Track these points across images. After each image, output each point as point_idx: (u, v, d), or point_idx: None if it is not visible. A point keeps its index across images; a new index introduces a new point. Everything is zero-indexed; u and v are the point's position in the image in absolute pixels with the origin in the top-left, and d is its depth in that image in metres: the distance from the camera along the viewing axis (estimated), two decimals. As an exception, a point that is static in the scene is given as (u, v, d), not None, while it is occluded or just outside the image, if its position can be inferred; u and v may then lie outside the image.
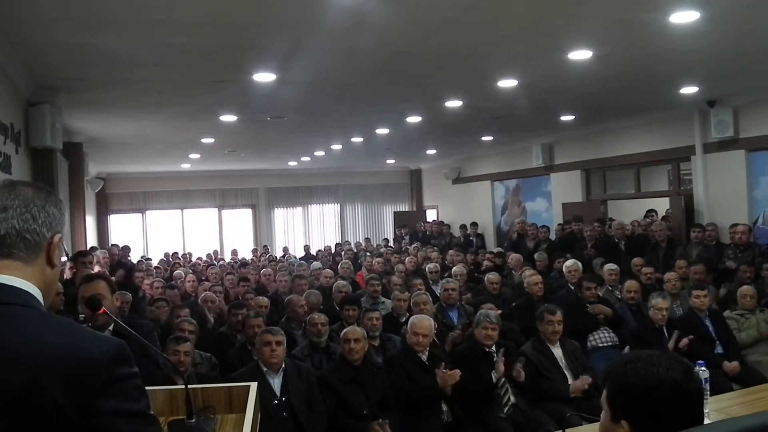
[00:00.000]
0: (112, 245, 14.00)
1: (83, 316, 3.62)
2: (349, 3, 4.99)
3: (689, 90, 9.26)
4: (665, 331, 6.62)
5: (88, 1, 4.79)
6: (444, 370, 5.50)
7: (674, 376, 1.80)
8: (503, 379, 5.70)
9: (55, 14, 5.04)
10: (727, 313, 7.19)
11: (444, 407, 5.56)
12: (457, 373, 5.47)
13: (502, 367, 5.63)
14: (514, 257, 11.07)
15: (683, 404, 1.80)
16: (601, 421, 1.94)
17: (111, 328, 3.72)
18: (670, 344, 6.37)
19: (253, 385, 2.75)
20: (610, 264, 8.89)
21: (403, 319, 7.37)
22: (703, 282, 8.03)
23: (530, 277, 8.29)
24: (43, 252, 1.64)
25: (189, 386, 2.55)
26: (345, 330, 5.71)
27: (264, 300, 7.75)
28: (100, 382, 1.45)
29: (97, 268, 8.57)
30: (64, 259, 1.75)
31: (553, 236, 13.13)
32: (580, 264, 8.91)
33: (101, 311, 2.78)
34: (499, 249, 14.19)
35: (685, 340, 6.35)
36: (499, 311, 7.02)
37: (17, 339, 1.46)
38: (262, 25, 5.53)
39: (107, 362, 1.48)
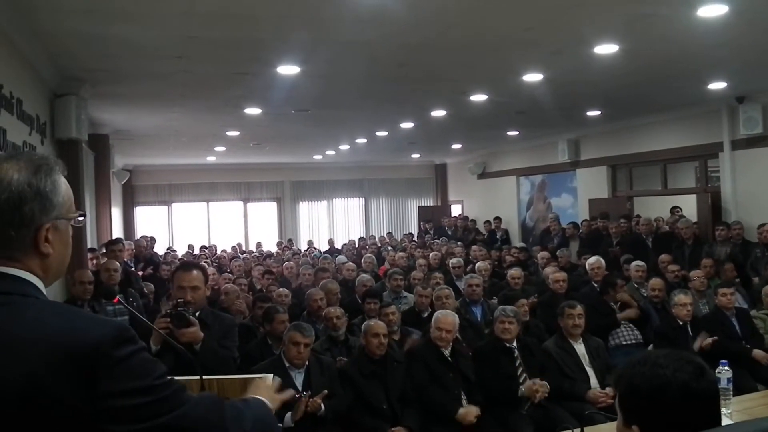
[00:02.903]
0: (141, 237, 14.09)
1: (181, 300, 3.65)
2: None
3: (717, 85, 9.14)
4: (689, 328, 6.54)
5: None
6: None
7: (682, 378, 1.71)
8: (524, 376, 5.67)
9: (78, 6, 5.07)
10: (753, 312, 7.10)
11: (464, 403, 5.53)
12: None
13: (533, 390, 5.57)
14: (543, 254, 10.99)
15: (694, 407, 1.72)
16: (617, 424, 1.90)
17: (197, 314, 3.76)
18: (696, 345, 6.29)
19: (269, 377, 2.73)
20: (637, 261, 8.79)
21: (426, 315, 7.35)
22: (733, 280, 7.93)
23: (554, 274, 8.24)
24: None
25: (204, 377, 2.54)
26: (370, 324, 5.67)
27: (284, 290, 7.75)
28: (103, 365, 1.44)
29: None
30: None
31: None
32: (603, 261, 8.82)
33: (116, 300, 2.79)
34: (522, 245, 14.13)
35: (708, 341, 6.27)
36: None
37: (17, 329, 1.45)
38: (284, 17, 5.53)
39: (108, 345, 1.46)
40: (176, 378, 1.63)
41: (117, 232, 14.36)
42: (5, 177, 1.54)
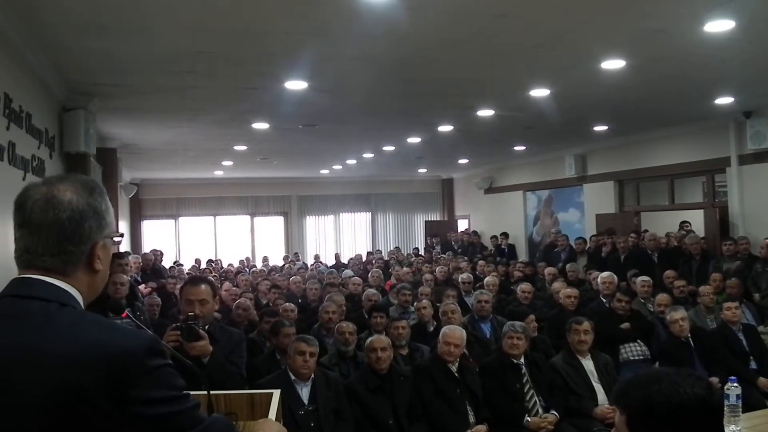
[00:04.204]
0: (151, 250, 14.13)
1: (191, 314, 3.66)
2: (378, 12, 4.99)
3: (725, 100, 9.14)
4: (692, 343, 6.53)
5: (119, 8, 4.85)
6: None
7: (700, 393, 1.75)
8: (532, 392, 5.65)
9: (87, 21, 5.10)
10: (761, 328, 7.07)
11: (471, 418, 5.50)
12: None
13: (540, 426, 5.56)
14: (549, 270, 10.97)
15: (708, 420, 1.77)
16: None
17: (206, 328, 3.77)
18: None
19: (276, 392, 2.73)
20: (643, 276, 8.77)
21: (431, 329, 7.33)
22: (738, 296, 7.90)
23: (564, 290, 8.22)
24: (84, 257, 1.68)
25: (211, 392, 2.54)
26: (370, 339, 5.67)
27: (290, 305, 7.74)
28: (135, 373, 1.50)
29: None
30: None
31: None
32: (615, 277, 8.78)
33: (124, 315, 2.79)
34: (526, 260, 14.12)
35: None
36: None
37: (52, 337, 1.50)
38: (293, 33, 5.55)
39: (142, 355, 1.53)
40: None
41: (124, 245, 14.38)
42: (64, 197, 1.63)
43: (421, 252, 17.99)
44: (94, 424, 1.47)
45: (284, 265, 16.01)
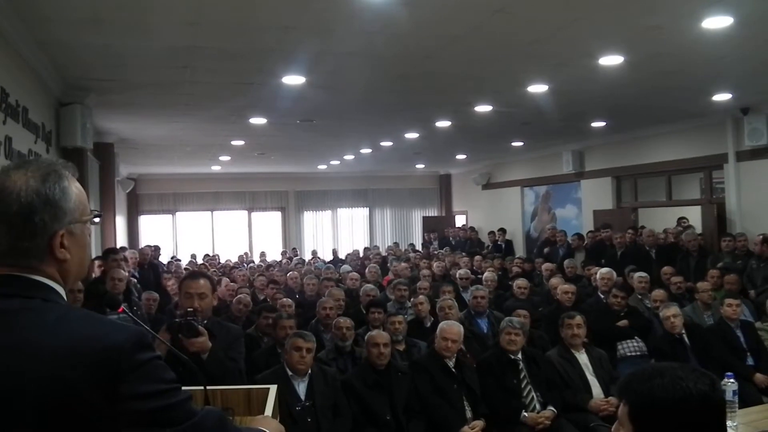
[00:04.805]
0: (146, 246, 14.10)
1: (191, 309, 3.65)
2: (376, 7, 4.99)
3: (722, 97, 9.14)
4: (686, 339, 6.55)
5: (116, 2, 4.84)
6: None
7: (703, 389, 1.75)
8: (529, 387, 5.65)
9: (84, 15, 5.09)
10: (758, 324, 7.07)
11: (468, 414, 5.50)
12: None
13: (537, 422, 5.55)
14: (546, 265, 10.96)
15: (710, 416, 1.77)
16: None
17: (205, 323, 3.76)
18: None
19: (273, 388, 2.72)
20: (640, 272, 8.76)
21: (428, 324, 7.32)
22: (737, 292, 7.91)
23: (562, 285, 8.21)
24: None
25: (208, 387, 2.54)
26: (372, 334, 5.66)
27: (288, 301, 7.76)
28: (124, 367, 1.47)
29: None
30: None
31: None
32: (614, 273, 8.78)
33: (120, 310, 2.78)
34: (523, 256, 14.13)
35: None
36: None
37: (41, 333, 1.48)
38: (290, 28, 5.54)
39: (130, 349, 1.50)
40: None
41: (121, 240, 14.36)
42: (14, 188, 1.55)
43: (418, 247, 17.96)
44: (86, 420, 1.45)
45: (282, 260, 15.99)
